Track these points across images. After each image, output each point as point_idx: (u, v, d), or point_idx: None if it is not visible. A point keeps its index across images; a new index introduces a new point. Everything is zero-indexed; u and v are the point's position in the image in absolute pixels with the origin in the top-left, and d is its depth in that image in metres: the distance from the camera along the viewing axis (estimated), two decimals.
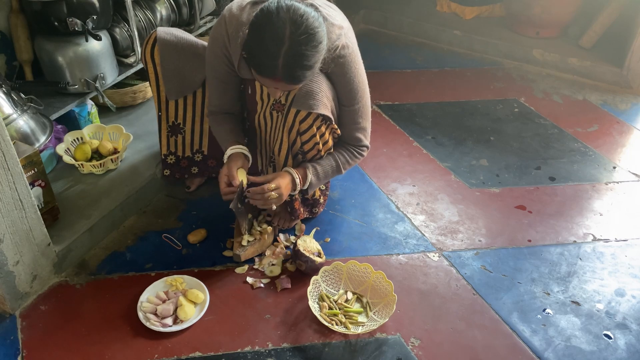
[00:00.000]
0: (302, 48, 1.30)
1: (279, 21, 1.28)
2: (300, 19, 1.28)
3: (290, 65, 1.31)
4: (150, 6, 2.19)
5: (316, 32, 1.30)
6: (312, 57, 1.33)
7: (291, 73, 1.33)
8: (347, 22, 1.55)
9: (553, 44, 2.95)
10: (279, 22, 1.28)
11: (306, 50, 1.30)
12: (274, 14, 1.29)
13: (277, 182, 1.57)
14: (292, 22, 1.28)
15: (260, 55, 1.32)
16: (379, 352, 1.48)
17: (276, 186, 1.56)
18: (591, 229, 1.91)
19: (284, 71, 1.32)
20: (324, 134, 1.60)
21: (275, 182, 1.57)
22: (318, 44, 1.32)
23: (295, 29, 1.28)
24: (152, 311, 1.54)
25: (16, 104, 1.75)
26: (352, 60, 1.53)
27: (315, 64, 1.36)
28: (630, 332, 1.55)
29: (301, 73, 1.34)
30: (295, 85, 1.40)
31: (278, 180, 1.58)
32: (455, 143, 2.33)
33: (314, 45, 1.31)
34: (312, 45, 1.31)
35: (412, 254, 1.79)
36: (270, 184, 1.56)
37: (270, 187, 1.55)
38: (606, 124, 2.48)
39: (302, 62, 1.32)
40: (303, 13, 1.29)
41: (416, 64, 2.98)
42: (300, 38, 1.28)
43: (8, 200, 1.41)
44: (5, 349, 1.46)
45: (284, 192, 1.59)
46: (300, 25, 1.28)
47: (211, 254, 1.76)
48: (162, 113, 1.80)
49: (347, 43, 1.50)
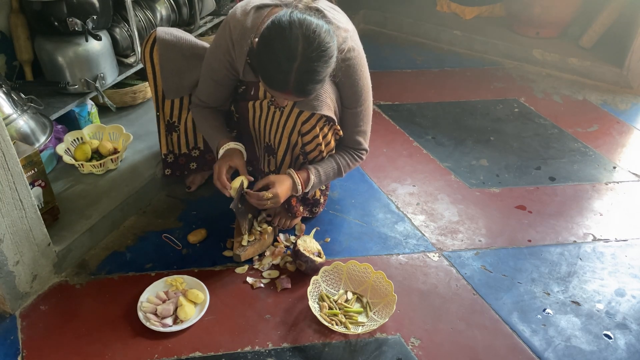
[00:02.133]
0: (315, 65, 1.30)
1: (292, 37, 1.28)
2: (313, 35, 1.28)
3: (302, 80, 1.32)
4: (150, 6, 2.19)
5: (328, 48, 1.30)
6: (323, 72, 1.33)
7: (302, 88, 1.34)
8: (352, 25, 1.55)
9: (553, 44, 2.95)
10: (292, 38, 1.28)
11: (318, 66, 1.31)
12: (286, 29, 1.28)
13: (275, 189, 1.57)
14: (304, 38, 1.28)
15: (271, 70, 1.33)
16: (379, 352, 1.48)
17: (273, 195, 1.57)
18: (591, 229, 1.91)
19: (295, 86, 1.32)
20: (327, 134, 1.60)
21: (273, 190, 1.57)
22: (329, 58, 1.32)
23: (307, 45, 1.28)
24: (152, 311, 1.54)
25: (16, 104, 1.75)
26: (357, 63, 1.54)
27: (325, 77, 1.36)
28: (630, 332, 1.55)
29: (312, 87, 1.35)
30: (305, 97, 1.41)
31: (277, 187, 1.58)
32: (455, 143, 2.33)
33: (325, 60, 1.31)
34: (324, 61, 1.31)
35: (412, 254, 1.79)
36: (267, 193, 1.57)
37: (267, 196, 1.57)
38: (606, 124, 2.48)
39: (313, 77, 1.32)
40: (315, 28, 1.29)
41: (416, 64, 2.98)
42: (312, 55, 1.28)
43: (8, 200, 1.41)
44: (5, 349, 1.46)
45: (281, 198, 1.59)
46: (313, 42, 1.28)
47: (211, 254, 1.76)
48: (160, 112, 1.80)
49: (352, 46, 1.51)
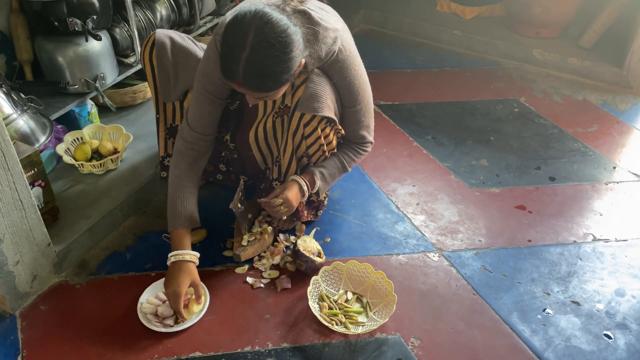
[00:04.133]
0: (262, 57, 1.27)
1: (244, 26, 1.27)
2: (265, 26, 1.26)
3: (249, 72, 1.29)
4: (150, 6, 2.19)
5: (279, 42, 1.27)
6: (273, 67, 1.29)
7: (251, 80, 1.31)
8: (342, 23, 1.53)
9: (553, 44, 2.95)
10: (244, 27, 1.27)
11: (265, 59, 1.27)
12: (242, 18, 1.28)
13: (284, 195, 1.59)
14: (255, 28, 1.26)
15: (224, 58, 1.32)
16: (379, 352, 1.48)
17: (284, 200, 1.59)
18: (591, 229, 1.91)
19: (244, 77, 1.30)
20: (328, 135, 1.60)
21: (283, 195, 1.59)
22: (281, 54, 1.28)
23: (256, 35, 1.26)
24: (152, 312, 1.54)
25: (16, 104, 1.75)
26: (350, 63, 1.53)
27: (279, 75, 1.31)
28: (630, 332, 1.55)
29: (261, 82, 1.31)
30: (259, 94, 1.36)
31: (285, 194, 1.59)
32: (455, 143, 2.33)
33: (275, 55, 1.27)
34: (274, 56, 1.27)
35: (412, 254, 1.79)
36: (278, 199, 1.58)
37: (278, 202, 1.58)
38: (606, 124, 2.48)
39: (262, 70, 1.29)
40: (269, 21, 1.26)
41: (416, 64, 2.98)
42: (259, 45, 1.26)
43: (8, 200, 1.41)
44: (5, 349, 1.46)
45: (293, 203, 1.61)
46: (262, 33, 1.26)
47: (211, 254, 1.76)
48: (160, 115, 1.80)
49: (342, 46, 1.49)
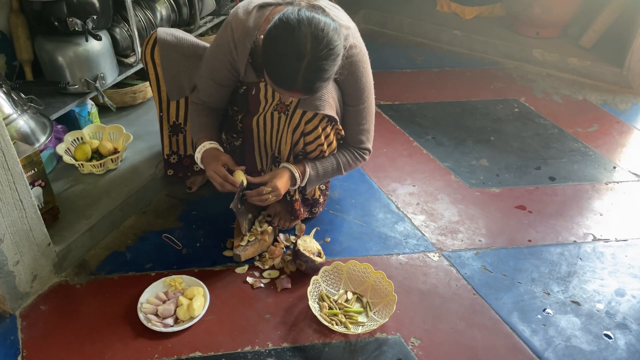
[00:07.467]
0: (323, 63, 1.31)
1: (301, 35, 1.28)
2: (322, 33, 1.28)
3: (310, 79, 1.32)
4: (150, 6, 2.19)
5: (335, 46, 1.31)
6: (330, 70, 1.34)
7: (310, 86, 1.34)
8: (352, 23, 1.56)
9: (553, 44, 2.95)
10: (300, 36, 1.28)
11: (326, 64, 1.31)
12: (295, 27, 1.28)
13: (273, 182, 1.58)
14: (313, 37, 1.28)
15: (278, 69, 1.33)
16: (379, 352, 1.48)
17: (272, 189, 1.58)
18: (591, 229, 1.91)
19: (303, 84, 1.33)
20: (329, 134, 1.60)
21: (272, 184, 1.58)
22: (337, 56, 1.33)
23: (317, 44, 1.28)
24: (153, 312, 1.54)
25: (16, 104, 1.75)
26: (360, 60, 1.54)
27: (332, 75, 1.37)
28: (630, 332, 1.55)
29: (319, 85, 1.36)
30: (311, 95, 1.42)
31: (275, 181, 1.58)
32: (455, 143, 2.33)
33: (333, 58, 1.32)
34: (332, 59, 1.32)
35: (412, 254, 1.79)
36: (267, 187, 1.58)
37: (267, 190, 1.58)
38: (606, 124, 2.48)
39: (321, 75, 1.33)
40: (323, 27, 1.29)
41: (416, 64, 2.98)
42: (321, 53, 1.29)
43: (8, 200, 1.41)
44: (5, 349, 1.46)
45: (281, 190, 1.60)
46: (322, 41, 1.28)
47: (211, 254, 1.76)
48: (163, 113, 1.80)
49: (354, 43, 1.51)
